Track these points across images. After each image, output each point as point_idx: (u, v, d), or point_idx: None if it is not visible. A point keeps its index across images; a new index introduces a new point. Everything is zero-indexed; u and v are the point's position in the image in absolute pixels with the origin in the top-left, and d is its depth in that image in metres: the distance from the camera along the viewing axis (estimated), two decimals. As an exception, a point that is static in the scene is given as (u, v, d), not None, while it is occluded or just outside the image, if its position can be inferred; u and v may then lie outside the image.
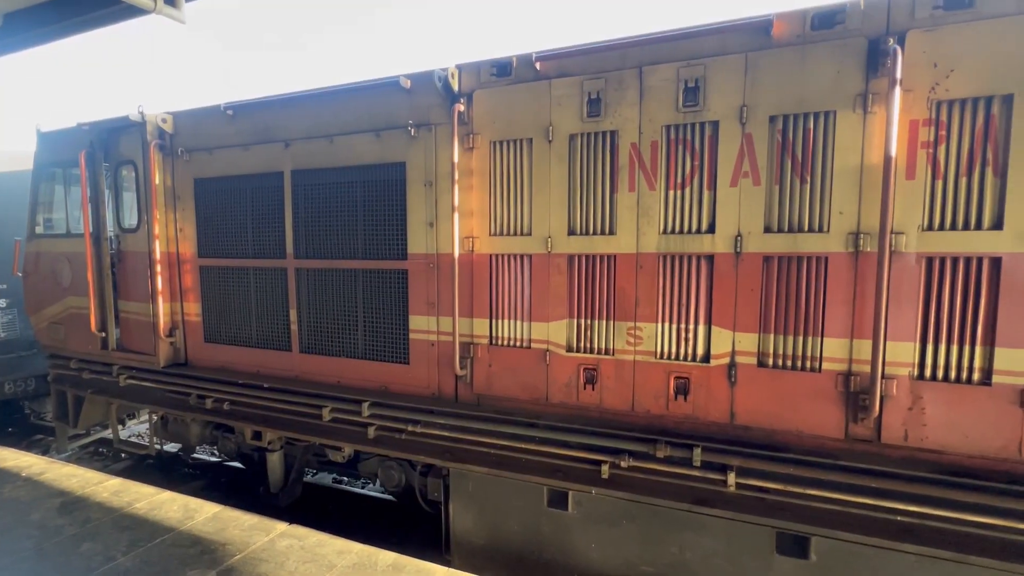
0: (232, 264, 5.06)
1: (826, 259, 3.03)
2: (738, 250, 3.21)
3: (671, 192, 3.38)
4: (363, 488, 6.37)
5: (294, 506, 5.53)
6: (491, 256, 3.92)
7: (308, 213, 4.64)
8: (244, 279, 5.03)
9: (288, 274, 4.74)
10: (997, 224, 2.70)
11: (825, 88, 2.96)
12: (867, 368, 2.92)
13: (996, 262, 2.72)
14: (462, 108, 3.84)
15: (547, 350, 3.78)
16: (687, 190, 3.34)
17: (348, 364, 4.57)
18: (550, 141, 3.64)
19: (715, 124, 3.22)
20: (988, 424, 2.77)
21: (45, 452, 7.26)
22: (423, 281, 4.16)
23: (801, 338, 3.13)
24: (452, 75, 3.92)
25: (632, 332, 3.53)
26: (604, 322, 3.62)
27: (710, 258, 3.30)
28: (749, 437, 3.30)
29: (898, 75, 2.68)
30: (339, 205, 4.50)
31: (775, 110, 3.07)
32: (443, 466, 4.14)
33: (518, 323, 3.89)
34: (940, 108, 2.77)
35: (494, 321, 3.96)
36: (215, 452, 6.91)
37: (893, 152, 2.74)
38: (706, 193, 3.29)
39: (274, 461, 5.26)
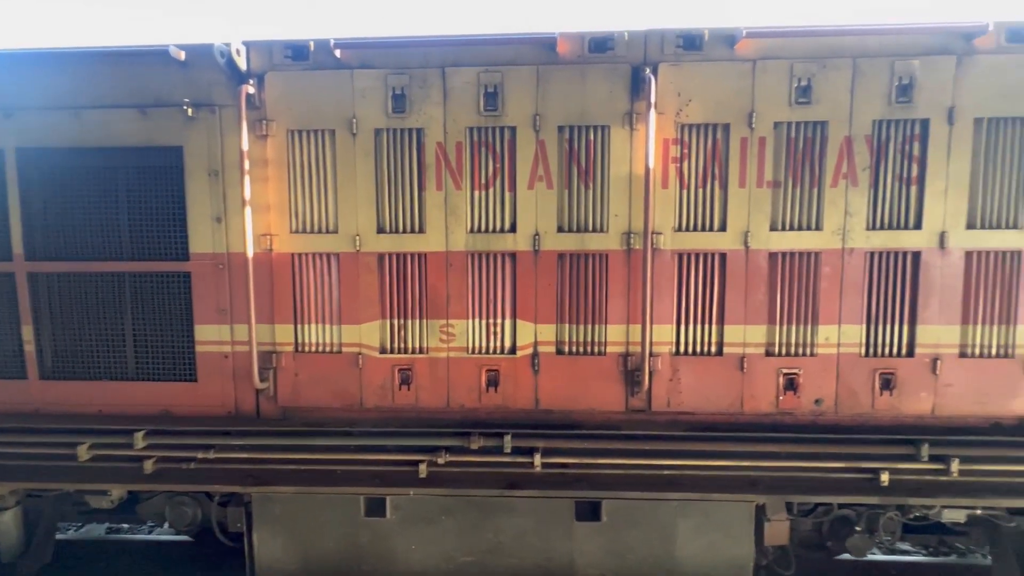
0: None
1: (607, 256, 3.45)
2: (536, 248, 3.47)
3: (476, 192, 3.50)
4: (150, 533, 5.35)
5: (45, 573, 4.39)
6: (293, 255, 3.60)
7: (48, 204, 3.69)
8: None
9: (17, 281, 3.71)
10: (723, 227, 3.39)
11: (601, 105, 3.36)
12: (639, 349, 3.41)
13: (723, 257, 3.41)
14: (251, 90, 3.43)
15: (360, 353, 3.62)
16: (491, 191, 3.49)
17: (114, 388, 3.76)
18: (354, 134, 3.47)
19: (513, 129, 3.42)
20: (722, 387, 3.47)
21: None
22: (211, 285, 3.63)
23: (590, 326, 3.52)
24: (237, 52, 3.48)
25: (445, 329, 3.58)
26: (417, 321, 3.60)
27: (513, 256, 3.51)
28: (551, 419, 3.60)
29: (652, 99, 3.18)
30: (94, 195, 3.66)
31: (563, 120, 3.39)
32: (244, 492, 3.68)
33: (326, 327, 3.64)
34: (683, 130, 3.35)
35: (299, 326, 3.65)
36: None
37: (651, 164, 3.23)
38: (507, 194, 3.48)
39: (6, 522, 4.08)
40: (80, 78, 3.59)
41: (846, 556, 3.99)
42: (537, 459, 3.45)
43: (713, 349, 3.48)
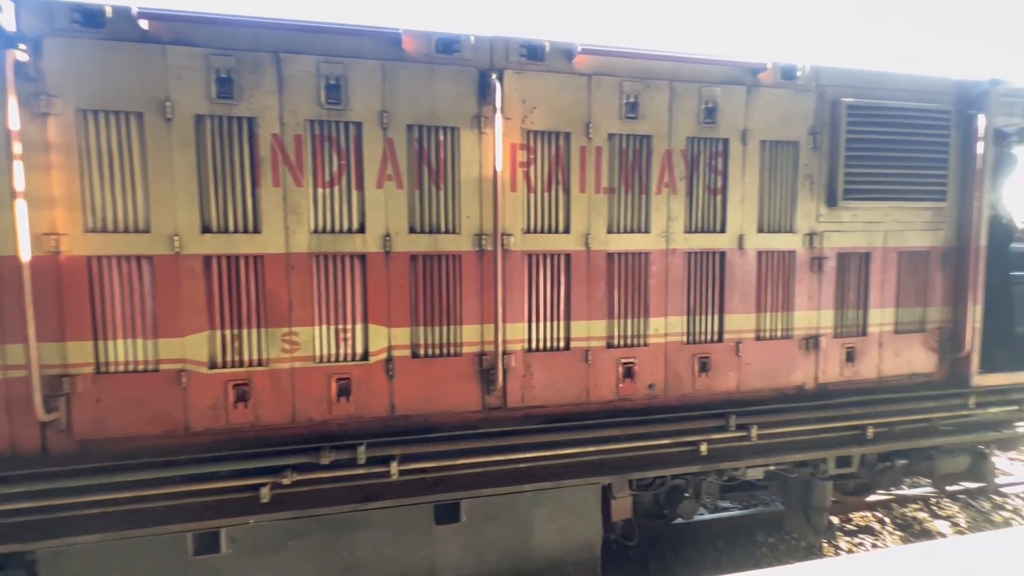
0: None
1: (460, 257, 3.47)
2: (387, 249, 3.36)
3: (320, 190, 3.28)
4: None
5: None
6: (89, 259, 3.02)
7: None
8: None
9: None
10: (567, 229, 3.61)
11: (450, 106, 3.36)
12: (493, 348, 3.48)
13: (568, 257, 3.64)
14: (23, 57, 2.81)
15: (183, 370, 3.16)
16: (336, 189, 3.30)
17: None
18: (169, 119, 3.03)
19: (359, 125, 3.27)
20: (570, 379, 3.70)
21: None
22: (-32, 297, 2.89)
23: (445, 328, 3.51)
24: (2, 8, 2.82)
25: (287, 338, 3.29)
26: (254, 330, 3.26)
27: (362, 257, 3.35)
28: (409, 425, 3.52)
29: (498, 104, 3.27)
30: None
31: (412, 120, 3.33)
32: (26, 551, 2.99)
33: (138, 342, 3.13)
34: (530, 136, 3.51)
35: (101, 343, 3.08)
36: None
37: (499, 168, 3.32)
38: (355, 193, 3.32)
39: None
40: None
41: (681, 520, 4.54)
42: (394, 467, 3.34)
43: (561, 344, 3.69)
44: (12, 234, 2.85)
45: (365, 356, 3.41)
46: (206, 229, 3.14)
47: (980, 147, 4.15)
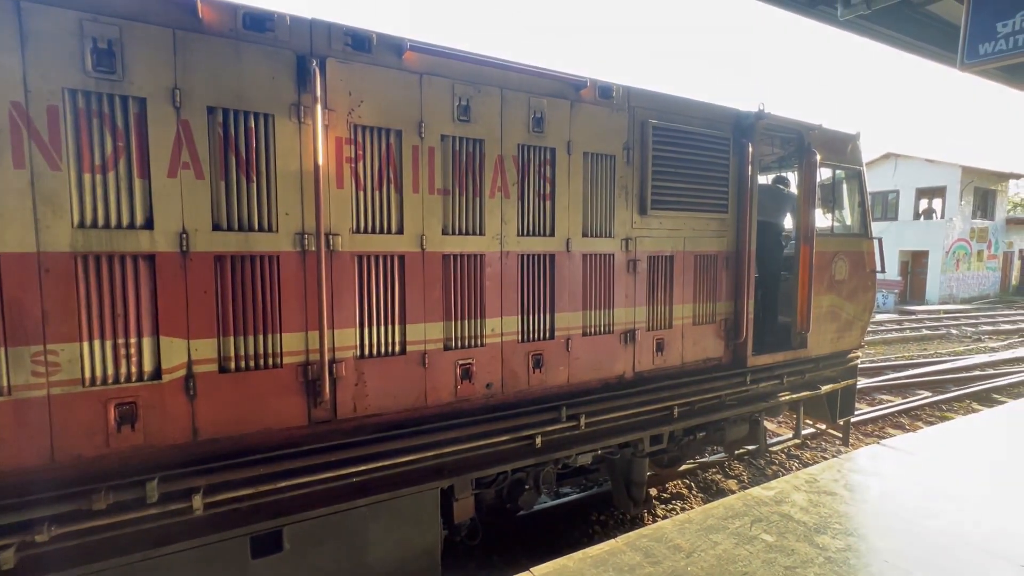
0: None
1: (278, 257, 3.14)
2: (185, 249, 2.89)
3: (87, 175, 2.68)
4: None
5: None
6: None
7: None
8: None
9: None
10: (400, 230, 3.50)
11: (262, 90, 3.02)
12: (317, 356, 3.22)
13: (402, 258, 3.53)
14: None
15: None
16: (111, 175, 2.74)
17: None
18: None
19: (142, 101, 2.75)
20: (407, 384, 3.59)
21: None
22: None
23: (262, 336, 3.14)
24: None
25: (40, 359, 2.63)
26: (-13, 351, 2.54)
27: (151, 258, 2.83)
28: (217, 450, 3.07)
29: (318, 94, 3.03)
30: None
31: (214, 101, 2.91)
32: None
33: None
34: (357, 131, 3.32)
35: None
36: None
37: (320, 162, 3.08)
38: (138, 181, 2.79)
39: None
40: None
41: (523, 511, 4.72)
42: (198, 500, 2.89)
43: (397, 349, 3.57)
44: None
45: (157, 374, 2.89)
46: (-98, 219, 2.36)
47: (749, 170, 5.07)
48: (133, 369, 2.85)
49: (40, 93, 2.55)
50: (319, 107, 3.03)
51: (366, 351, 3.47)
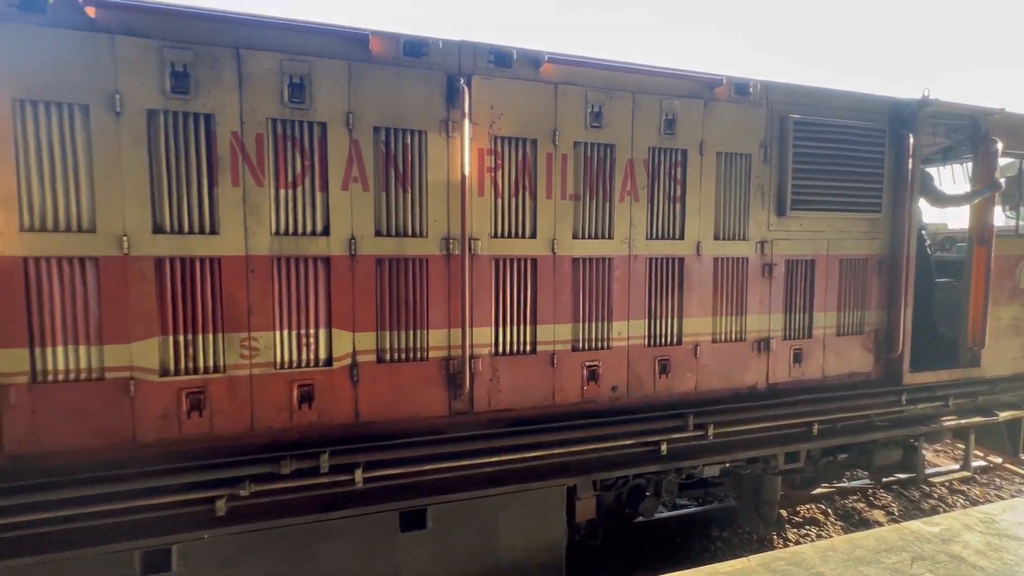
0: None
1: (426, 260, 3.45)
2: (353, 252, 3.30)
3: (282, 191, 3.18)
4: None
5: None
6: (25, 259, 2.81)
7: None
8: None
9: None
10: (533, 234, 3.66)
11: (418, 109, 3.35)
12: (460, 352, 3.48)
13: (535, 262, 3.69)
14: (-50, 42, 2.59)
15: (131, 378, 2.99)
16: (299, 190, 3.22)
17: None
18: (118, 113, 2.87)
19: (324, 125, 3.20)
20: (536, 382, 3.74)
21: None
22: None
23: (412, 332, 3.48)
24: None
25: (246, 344, 3.17)
26: (210, 336, 3.12)
27: (327, 260, 3.28)
28: (374, 431, 3.46)
29: (466, 109, 3.28)
30: None
31: (378, 121, 3.29)
32: (-53, 577, 2.74)
33: (82, 348, 2.93)
34: (497, 142, 3.54)
35: (37, 350, 2.87)
36: None
37: (467, 172, 3.34)
38: (319, 195, 3.25)
39: None
40: None
41: (642, 518, 4.66)
42: (358, 475, 3.28)
43: (528, 348, 3.73)
44: (-65, 232, 2.62)
45: (329, 361, 3.33)
46: (158, 229, 2.99)
47: (910, 164, 4.51)
48: (311, 356, 3.31)
49: (251, 124, 3.08)
50: (467, 122, 3.28)
51: (500, 349, 3.67)
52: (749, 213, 4.23)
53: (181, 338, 3.08)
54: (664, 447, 3.97)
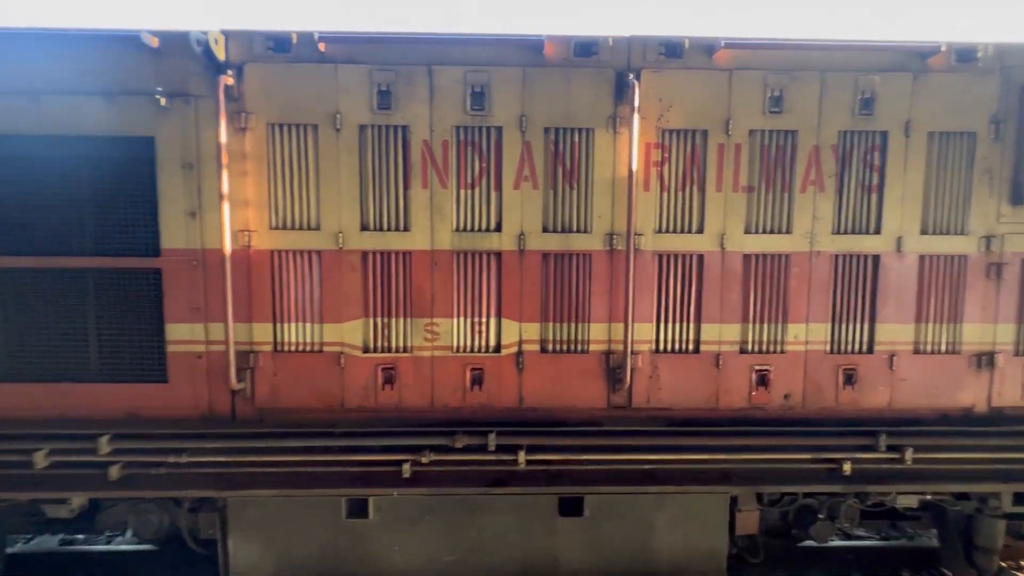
0: None
1: (590, 256, 3.53)
2: (522, 248, 3.51)
3: (462, 191, 3.51)
4: (108, 544, 5.08)
5: (-8, 589, 4.10)
6: (272, 252, 3.51)
7: (3, 194, 3.46)
8: None
9: None
10: (700, 229, 3.52)
11: (586, 108, 3.43)
12: (621, 347, 3.50)
13: (701, 258, 3.54)
14: (230, 81, 3.33)
15: (342, 352, 3.56)
16: (477, 190, 3.51)
17: (75, 391, 3.56)
18: (338, 130, 3.42)
19: (499, 129, 3.45)
20: (698, 383, 3.60)
21: None
22: (184, 282, 3.49)
23: (573, 325, 3.59)
24: (215, 41, 3.36)
25: (429, 328, 3.57)
26: (401, 320, 3.58)
27: (498, 255, 3.53)
28: (535, 417, 3.65)
29: (636, 104, 3.27)
30: (55, 187, 3.46)
31: (549, 122, 3.44)
32: (219, 497, 3.56)
33: (307, 325, 3.57)
34: (664, 135, 3.47)
35: (278, 325, 3.56)
36: None
37: (635, 168, 3.33)
38: (493, 194, 3.51)
39: (-49, 535, 3.81)
40: (39, 60, 3.39)
41: (808, 542, 4.22)
42: (521, 456, 3.49)
43: (691, 347, 3.61)
44: (218, 231, 3.40)
45: (497, 349, 3.60)
46: (364, 227, 3.51)
47: None
48: (483, 343, 3.61)
49: (438, 132, 3.45)
50: (636, 116, 3.28)
51: (662, 346, 3.61)
52: (970, 202, 3.55)
53: (379, 320, 3.58)
54: (847, 467, 3.54)
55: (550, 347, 3.61)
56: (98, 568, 4.71)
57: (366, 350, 3.58)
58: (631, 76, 3.33)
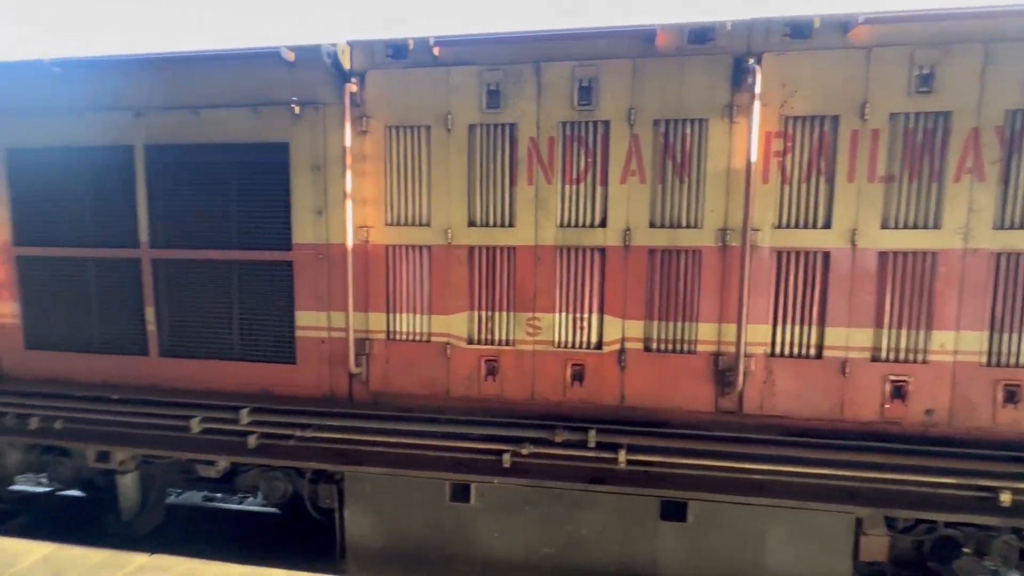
0: (64, 254, 4.22)
1: (700, 252, 3.38)
2: (627, 243, 3.44)
3: (567, 187, 3.51)
4: (241, 504, 5.75)
5: (156, 533, 4.81)
6: (387, 247, 3.75)
7: (169, 196, 4.03)
8: (81, 272, 4.22)
9: (142, 266, 4.08)
10: (827, 224, 3.23)
11: (699, 97, 3.28)
12: (732, 348, 3.31)
13: (827, 256, 3.25)
14: (354, 89, 3.60)
15: (448, 343, 3.72)
16: (582, 185, 3.50)
17: (222, 367, 4.07)
18: (449, 130, 3.57)
19: (607, 124, 3.40)
20: (820, 391, 3.32)
21: None
22: (311, 273, 3.85)
23: (680, 324, 3.46)
24: (343, 52, 3.65)
25: (531, 323, 3.62)
26: (504, 314, 3.66)
27: (602, 251, 3.49)
28: (636, 416, 3.57)
29: (757, 90, 3.07)
30: (209, 188, 3.97)
31: (659, 114, 3.34)
32: (337, 471, 3.89)
33: (417, 316, 3.78)
34: (788, 122, 3.22)
35: (391, 315, 3.80)
36: (44, 481, 5.75)
37: (754, 158, 3.13)
38: (599, 189, 3.47)
39: (127, 484, 4.51)
40: (199, 79, 3.89)
41: (949, 579, 3.73)
42: (622, 455, 3.43)
43: (812, 351, 3.33)
44: (340, 227, 3.70)
45: (599, 345, 3.56)
46: (471, 223, 3.63)
47: None
48: (584, 339, 3.59)
49: (545, 128, 3.47)
50: (756, 103, 3.08)
51: (778, 350, 3.37)
52: None
53: (483, 313, 3.69)
54: (1006, 497, 3.08)
55: (654, 346, 3.51)
56: (234, 524, 5.36)
57: (470, 342, 3.71)
58: (751, 61, 3.12)
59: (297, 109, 3.70)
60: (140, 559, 3.56)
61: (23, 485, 5.85)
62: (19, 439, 4.36)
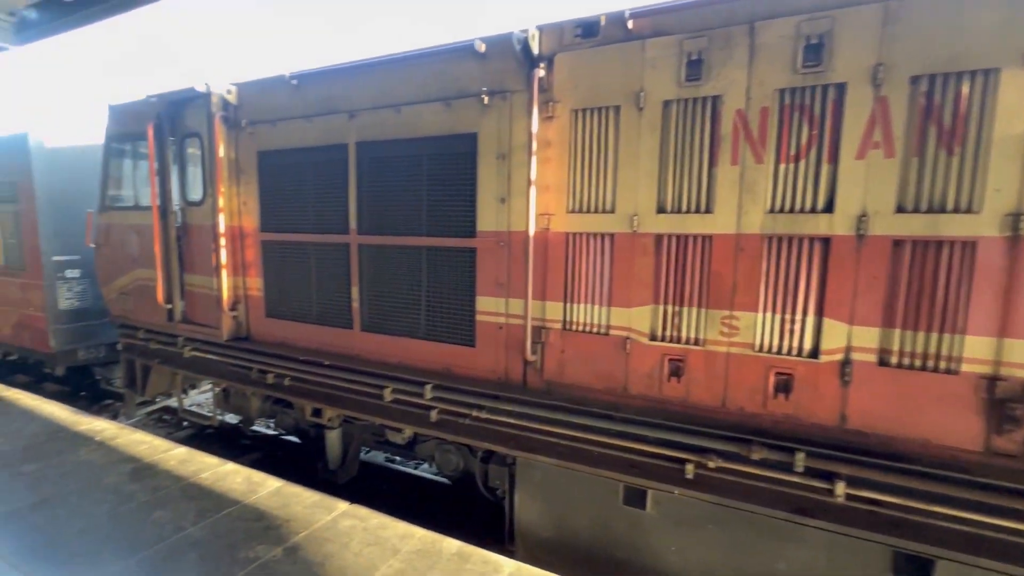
0: (293, 239, 4.99)
1: (974, 244, 2.60)
2: (861, 232, 2.81)
3: (782, 166, 3.00)
4: (415, 469, 6.32)
5: (350, 484, 5.52)
6: (567, 235, 3.65)
7: (372, 187, 4.48)
8: (305, 255, 4.95)
9: (351, 250, 4.62)
10: None
11: (985, 41, 2.50)
12: (1019, 372, 2.50)
13: None
14: (542, 73, 3.54)
15: (627, 338, 3.50)
16: (801, 163, 2.95)
17: (411, 344, 4.43)
18: (641, 108, 3.30)
19: (841, 87, 2.80)
20: None
21: (114, 417, 7.57)
22: (492, 260, 3.94)
23: (936, 335, 2.73)
24: (532, 37, 3.61)
25: (727, 322, 3.20)
26: (694, 309, 3.30)
27: (825, 241, 2.92)
28: (862, 443, 2.93)
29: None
30: (404, 179, 4.31)
31: (919, 69, 2.64)
32: (509, 454, 3.96)
33: (595, 307, 3.62)
34: None
35: (568, 305, 3.70)
36: (272, 426, 7.03)
37: (1079, 116, 2.28)
38: (825, 167, 2.90)
39: (333, 439, 5.23)
40: (400, 79, 4.22)
41: None
42: (840, 487, 2.86)
43: None
44: (522, 214, 3.70)
45: (814, 353, 3.00)
46: (661, 209, 3.33)
47: None
48: (794, 344, 3.06)
49: (756, 98, 3.00)
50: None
51: (1099, 380, 2.45)
52: None
53: (669, 308, 3.38)
54: None
55: (893, 359, 2.83)
56: (411, 487, 5.90)
57: (653, 338, 3.43)
58: None
59: (486, 99, 3.79)
60: (343, 506, 4.05)
61: (260, 428, 7.21)
62: (260, 390, 5.32)
